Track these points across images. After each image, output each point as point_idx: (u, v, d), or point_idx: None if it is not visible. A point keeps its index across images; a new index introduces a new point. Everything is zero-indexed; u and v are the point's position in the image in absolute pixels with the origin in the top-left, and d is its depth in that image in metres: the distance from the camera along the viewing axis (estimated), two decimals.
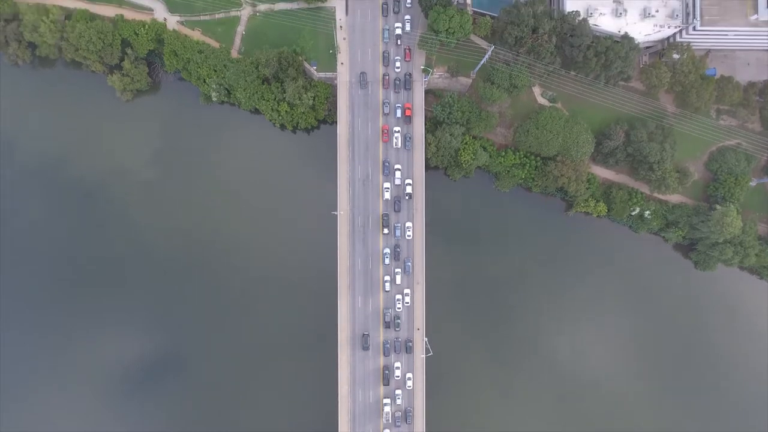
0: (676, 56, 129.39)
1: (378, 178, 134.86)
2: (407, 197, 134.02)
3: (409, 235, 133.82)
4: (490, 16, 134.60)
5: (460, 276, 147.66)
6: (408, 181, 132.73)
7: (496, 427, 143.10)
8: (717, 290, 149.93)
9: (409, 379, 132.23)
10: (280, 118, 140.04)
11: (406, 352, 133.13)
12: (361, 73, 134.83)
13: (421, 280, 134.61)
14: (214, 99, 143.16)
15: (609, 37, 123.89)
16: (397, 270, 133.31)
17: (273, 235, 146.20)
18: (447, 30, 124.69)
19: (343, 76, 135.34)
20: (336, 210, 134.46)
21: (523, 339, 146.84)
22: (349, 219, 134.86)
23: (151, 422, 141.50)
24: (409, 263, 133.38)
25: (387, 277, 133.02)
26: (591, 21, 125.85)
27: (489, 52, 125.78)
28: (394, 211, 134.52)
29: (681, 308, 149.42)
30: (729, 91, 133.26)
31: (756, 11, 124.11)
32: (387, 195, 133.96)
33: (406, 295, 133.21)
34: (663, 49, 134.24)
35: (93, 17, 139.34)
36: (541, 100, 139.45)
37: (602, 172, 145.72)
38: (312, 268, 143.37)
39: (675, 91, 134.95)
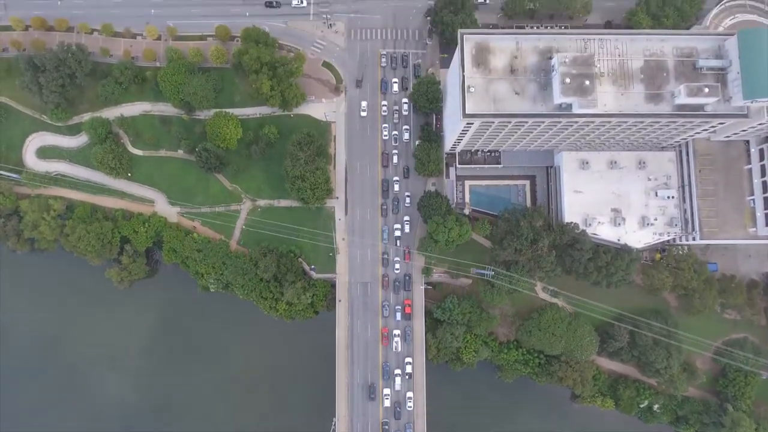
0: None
1: (378, 384, 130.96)
2: (408, 403, 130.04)
3: None
4: (489, 215, 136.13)
5: None
6: (409, 394, 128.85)
7: None
8: None
9: None
10: (278, 314, 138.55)
11: None
12: (360, 278, 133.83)
13: None
14: (212, 290, 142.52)
15: (609, 250, 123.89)
16: None
17: None
18: (446, 240, 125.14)
19: (342, 278, 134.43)
20: (335, 416, 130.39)
21: None
22: (348, 426, 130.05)
23: None
24: None
25: None
26: (590, 230, 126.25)
27: (489, 271, 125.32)
28: (395, 418, 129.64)
29: None
30: (732, 291, 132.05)
31: (754, 224, 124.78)
32: (387, 402, 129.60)
33: None
34: (663, 249, 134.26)
35: (95, 210, 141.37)
36: (543, 295, 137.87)
37: (608, 364, 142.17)
38: None
39: (678, 293, 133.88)
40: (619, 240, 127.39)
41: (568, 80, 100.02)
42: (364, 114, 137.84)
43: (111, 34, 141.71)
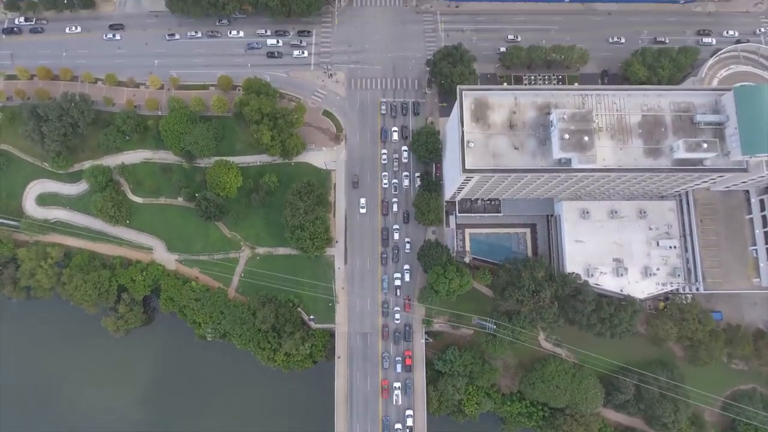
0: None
1: None
2: None
3: None
4: (490, 263, 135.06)
5: None
6: None
7: None
8: None
9: None
10: (276, 365, 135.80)
11: None
12: (360, 328, 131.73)
13: None
14: (210, 339, 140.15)
15: (612, 301, 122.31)
16: None
17: None
18: (447, 291, 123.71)
19: (341, 328, 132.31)
20: None
21: None
22: None
23: None
24: None
25: None
26: (592, 280, 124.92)
27: (491, 324, 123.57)
28: None
29: None
30: (739, 342, 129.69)
31: (758, 274, 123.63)
32: None
33: None
34: (666, 297, 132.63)
35: (93, 257, 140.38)
36: (546, 345, 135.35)
37: (614, 416, 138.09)
38: None
39: (683, 344, 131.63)
40: (621, 290, 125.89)
41: (567, 136, 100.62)
42: (363, 211, 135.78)
43: (114, 83, 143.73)
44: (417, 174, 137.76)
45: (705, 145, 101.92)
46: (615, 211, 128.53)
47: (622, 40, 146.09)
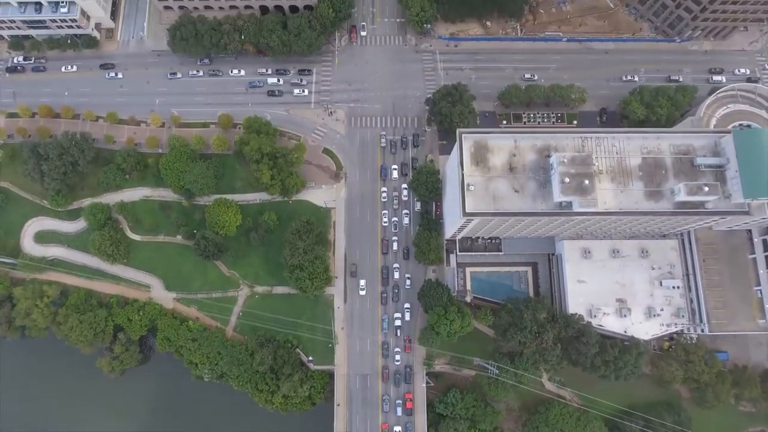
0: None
1: None
2: None
3: None
4: (491, 302, 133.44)
5: None
6: None
7: None
8: None
9: None
10: (274, 407, 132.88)
11: None
12: (359, 369, 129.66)
13: None
14: (207, 380, 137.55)
15: (616, 343, 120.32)
16: None
17: None
18: (448, 333, 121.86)
19: (341, 369, 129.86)
20: None
21: None
22: None
23: None
24: None
25: None
26: (595, 321, 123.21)
27: (493, 368, 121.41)
28: None
29: None
30: (746, 383, 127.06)
31: (763, 315, 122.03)
32: None
33: None
34: (671, 337, 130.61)
35: (89, 296, 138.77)
36: (549, 386, 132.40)
37: None
38: None
39: (689, 386, 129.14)
40: (625, 332, 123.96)
41: (567, 180, 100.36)
42: (362, 293, 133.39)
43: (116, 121, 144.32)
44: (417, 208, 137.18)
45: (706, 189, 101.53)
46: (617, 251, 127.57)
47: (626, 78, 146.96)
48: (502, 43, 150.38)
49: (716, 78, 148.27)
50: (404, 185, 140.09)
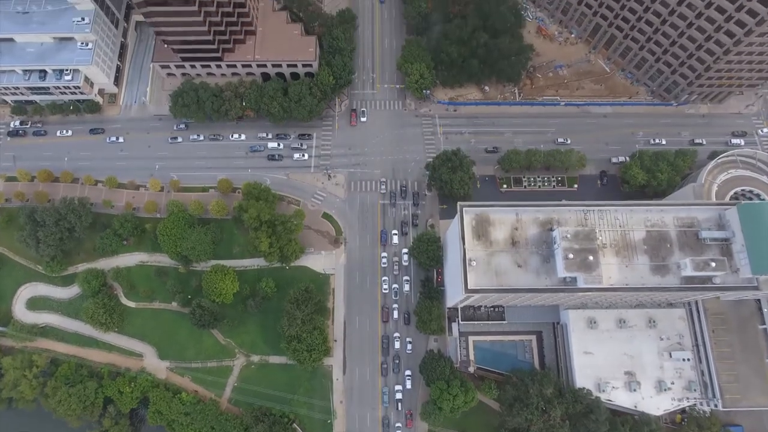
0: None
1: None
2: None
3: None
4: (496, 373, 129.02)
5: None
6: None
7: None
8: None
9: None
10: None
11: None
12: None
13: None
14: None
15: (627, 420, 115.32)
16: None
17: None
18: (451, 408, 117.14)
19: None
20: None
21: None
22: None
23: None
24: None
25: None
26: (604, 396, 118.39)
27: None
28: None
29: None
30: None
31: None
32: None
33: None
34: (684, 411, 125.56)
35: (80, 365, 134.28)
36: None
37: None
38: None
39: None
40: (635, 407, 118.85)
41: (571, 255, 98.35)
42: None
43: (115, 186, 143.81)
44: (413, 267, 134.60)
45: (713, 264, 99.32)
46: (623, 320, 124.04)
47: (626, 141, 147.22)
48: (501, 108, 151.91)
49: (734, 141, 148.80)
50: (404, 250, 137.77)
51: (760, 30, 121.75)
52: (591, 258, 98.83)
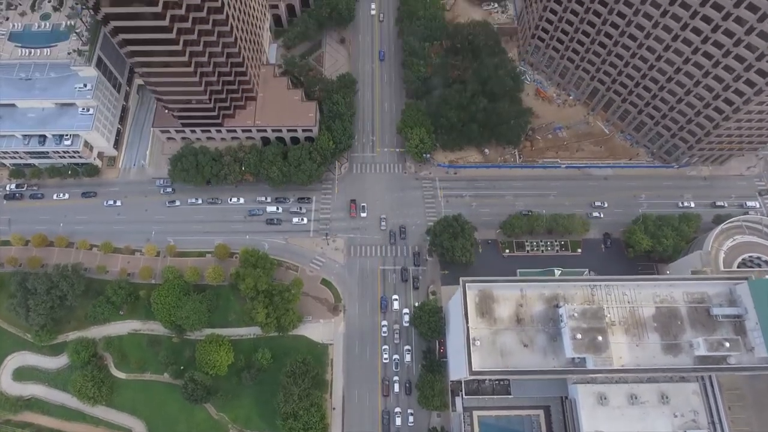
0: None
1: None
2: None
3: None
4: None
5: None
6: None
7: None
8: None
9: None
10: None
11: None
12: None
13: None
14: None
15: None
16: None
17: None
18: None
19: None
20: None
21: None
22: None
23: None
24: None
25: None
26: None
27: None
28: None
29: None
30: None
31: None
32: None
33: None
34: None
35: None
36: None
37: None
38: None
39: None
40: None
41: (579, 336, 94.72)
42: None
43: (110, 250, 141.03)
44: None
45: (727, 345, 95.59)
46: (634, 396, 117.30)
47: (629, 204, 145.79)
48: (501, 170, 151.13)
49: (750, 203, 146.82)
50: (405, 318, 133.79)
51: (758, 99, 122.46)
52: (600, 338, 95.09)
